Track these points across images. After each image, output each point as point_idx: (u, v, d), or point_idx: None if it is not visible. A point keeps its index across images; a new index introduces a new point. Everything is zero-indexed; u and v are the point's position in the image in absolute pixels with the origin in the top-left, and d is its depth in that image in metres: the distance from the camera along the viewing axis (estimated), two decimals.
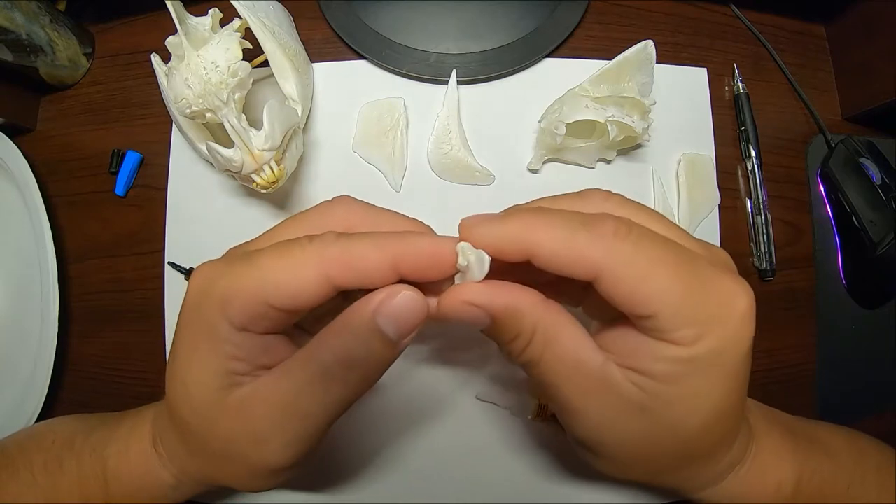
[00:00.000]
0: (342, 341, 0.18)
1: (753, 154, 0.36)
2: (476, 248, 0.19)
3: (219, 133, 0.33)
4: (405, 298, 0.18)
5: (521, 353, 0.19)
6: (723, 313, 0.18)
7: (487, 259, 0.18)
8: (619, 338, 0.19)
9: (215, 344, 0.19)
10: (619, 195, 0.21)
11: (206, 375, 0.19)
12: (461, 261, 0.19)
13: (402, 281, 0.19)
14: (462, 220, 0.20)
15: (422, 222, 0.22)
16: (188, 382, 0.20)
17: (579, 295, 0.23)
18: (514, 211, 0.20)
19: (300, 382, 0.19)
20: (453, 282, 0.20)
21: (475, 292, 0.18)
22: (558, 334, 0.19)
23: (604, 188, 0.21)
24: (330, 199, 0.22)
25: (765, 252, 0.36)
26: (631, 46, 0.32)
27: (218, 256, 0.21)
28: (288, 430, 0.20)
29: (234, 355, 0.19)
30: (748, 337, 0.18)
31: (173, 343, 0.20)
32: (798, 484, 0.23)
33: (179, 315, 0.20)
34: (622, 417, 0.19)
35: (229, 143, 0.27)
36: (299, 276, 0.18)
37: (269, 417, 0.19)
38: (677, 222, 0.36)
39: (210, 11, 0.29)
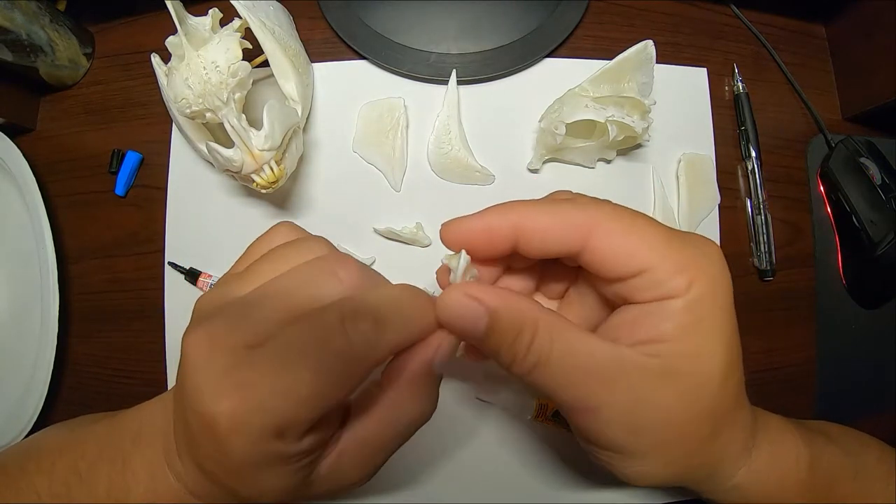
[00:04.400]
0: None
1: (753, 154, 0.36)
2: (456, 252, 0.20)
3: (219, 133, 0.33)
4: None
5: (526, 354, 0.19)
6: (703, 257, 0.19)
7: (464, 252, 0.19)
8: (615, 325, 0.19)
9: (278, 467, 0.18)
10: (584, 195, 0.22)
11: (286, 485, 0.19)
12: (452, 265, 0.20)
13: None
14: (442, 224, 0.20)
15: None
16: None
17: (562, 289, 0.24)
18: (493, 206, 0.20)
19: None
20: None
21: (476, 287, 0.19)
22: (564, 329, 0.18)
23: (602, 189, 0.22)
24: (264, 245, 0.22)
25: (765, 252, 0.36)
26: (631, 46, 0.32)
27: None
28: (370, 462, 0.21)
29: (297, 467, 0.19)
30: (730, 280, 0.19)
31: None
32: (811, 460, 0.23)
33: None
34: (649, 393, 0.18)
35: (229, 143, 0.27)
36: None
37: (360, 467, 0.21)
38: (677, 222, 0.36)
39: (210, 11, 0.29)
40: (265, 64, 0.31)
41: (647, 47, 0.32)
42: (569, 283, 0.24)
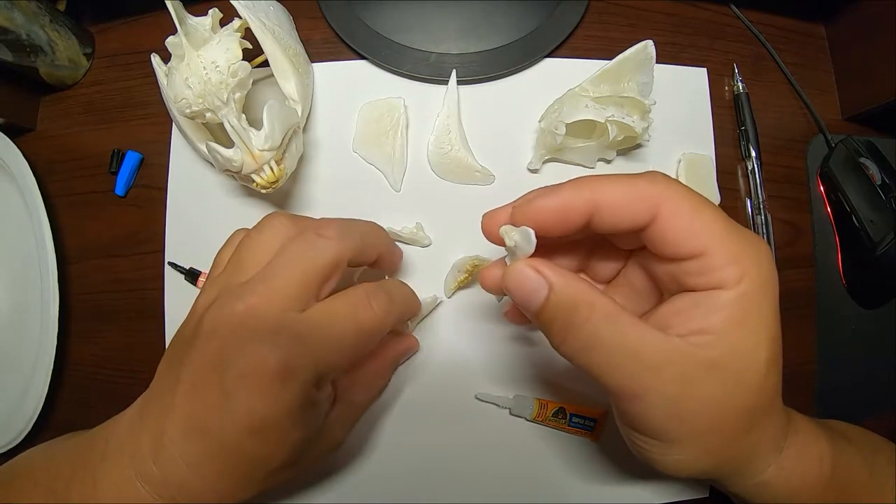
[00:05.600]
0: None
1: (753, 154, 0.36)
2: (519, 226, 0.20)
3: (219, 133, 0.33)
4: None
5: (578, 334, 0.19)
6: (755, 253, 0.19)
7: (532, 232, 0.20)
8: (667, 313, 0.20)
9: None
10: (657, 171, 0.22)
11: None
12: (508, 242, 0.21)
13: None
14: (515, 202, 0.21)
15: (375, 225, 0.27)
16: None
17: (610, 273, 0.25)
18: (567, 182, 0.21)
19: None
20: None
21: (540, 261, 0.20)
22: (617, 315, 0.19)
23: None
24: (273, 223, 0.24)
25: None
26: (631, 46, 0.32)
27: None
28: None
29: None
30: (777, 278, 0.20)
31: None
32: (833, 460, 0.23)
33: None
34: (695, 384, 0.19)
35: (229, 143, 0.27)
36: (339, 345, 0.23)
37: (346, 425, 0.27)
38: None
39: (210, 11, 0.29)
40: (265, 64, 0.31)
41: (647, 47, 0.32)
42: (618, 269, 0.24)
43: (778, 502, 0.23)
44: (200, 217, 0.35)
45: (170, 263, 0.35)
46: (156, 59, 0.31)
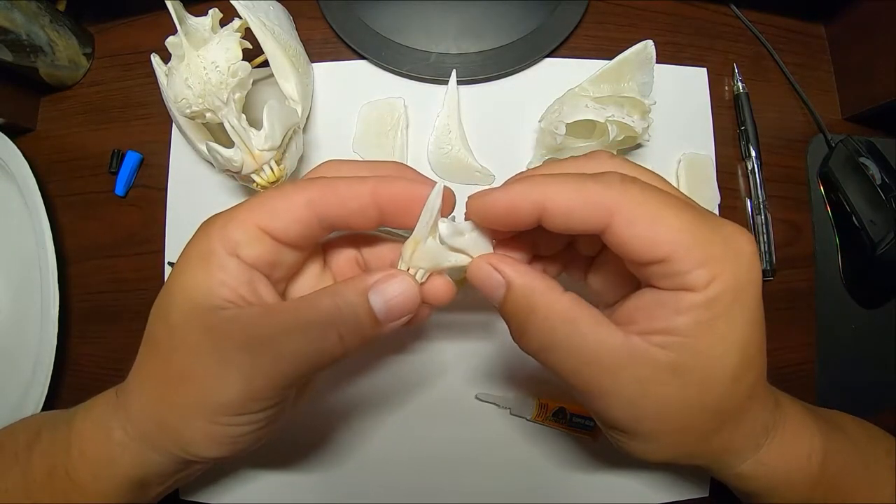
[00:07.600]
0: (334, 303, 0.19)
1: (753, 154, 0.36)
2: (468, 220, 0.20)
3: (219, 133, 0.33)
4: (401, 283, 0.20)
5: (535, 333, 0.19)
6: (731, 252, 0.18)
7: (449, 226, 0.20)
8: (633, 308, 0.19)
9: (208, 266, 0.20)
10: (624, 157, 0.21)
11: (191, 292, 0.20)
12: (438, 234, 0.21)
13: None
14: (469, 196, 0.20)
15: (405, 165, 0.23)
16: (173, 300, 0.20)
17: (583, 268, 0.24)
18: (519, 176, 0.20)
19: (284, 324, 0.19)
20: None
21: (500, 258, 0.20)
22: (578, 314, 0.18)
23: None
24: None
25: (765, 252, 0.36)
26: (631, 46, 0.32)
27: None
28: (255, 365, 0.19)
29: (223, 279, 0.19)
30: (759, 277, 0.18)
31: (170, 275, 0.21)
32: (825, 456, 0.23)
33: (184, 248, 0.21)
34: (655, 386, 0.18)
35: (229, 143, 0.27)
36: (287, 201, 0.20)
37: (243, 345, 0.19)
38: None
39: (210, 11, 0.29)
40: (265, 64, 0.31)
41: (647, 47, 0.32)
42: (600, 248, 0.23)
43: (761, 494, 0.23)
44: (201, 217, 0.34)
45: (170, 263, 0.35)
46: (156, 59, 0.31)
